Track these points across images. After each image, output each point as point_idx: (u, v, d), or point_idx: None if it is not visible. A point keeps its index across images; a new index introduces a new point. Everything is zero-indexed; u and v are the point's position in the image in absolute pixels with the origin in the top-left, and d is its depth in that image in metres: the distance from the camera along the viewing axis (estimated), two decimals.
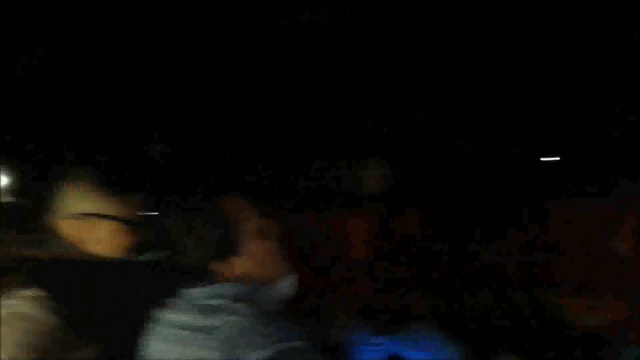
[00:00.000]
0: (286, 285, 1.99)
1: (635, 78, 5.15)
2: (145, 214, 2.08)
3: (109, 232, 2.02)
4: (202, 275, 1.83)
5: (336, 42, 5.13)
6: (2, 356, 1.80)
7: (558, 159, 7.94)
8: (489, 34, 4.67)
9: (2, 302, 1.88)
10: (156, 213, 2.00)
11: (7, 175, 8.66)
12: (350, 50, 5.16)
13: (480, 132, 6.97)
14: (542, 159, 7.87)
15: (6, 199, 3.06)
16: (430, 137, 6.82)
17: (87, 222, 2.01)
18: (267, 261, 1.89)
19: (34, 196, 2.14)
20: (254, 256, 1.87)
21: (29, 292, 1.86)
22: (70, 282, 1.93)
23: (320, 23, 4.94)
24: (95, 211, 2.01)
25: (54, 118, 6.89)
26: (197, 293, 1.82)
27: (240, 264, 1.85)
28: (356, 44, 5.08)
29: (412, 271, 4.60)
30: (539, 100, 5.97)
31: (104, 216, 2.01)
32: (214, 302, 1.77)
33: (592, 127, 6.49)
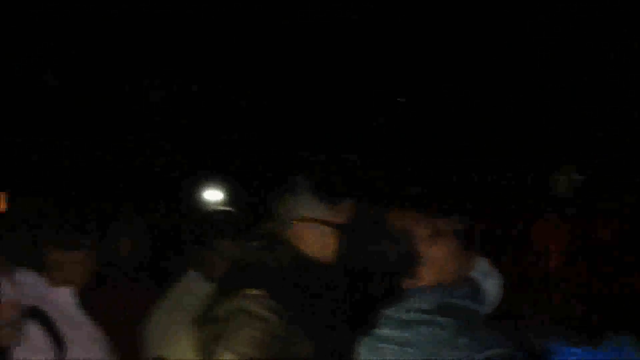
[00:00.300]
0: (494, 287, 1.99)
1: None
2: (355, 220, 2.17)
3: (323, 236, 2.14)
4: (395, 290, 1.89)
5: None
6: (227, 349, 1.97)
7: None
8: None
9: (229, 301, 2.07)
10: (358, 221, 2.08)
11: (235, 186, 9.30)
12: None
13: None
14: None
15: (232, 208, 3.31)
16: (626, 140, 6.50)
17: (304, 227, 2.15)
18: (449, 262, 1.91)
19: (260, 205, 2.30)
20: (435, 261, 1.89)
21: (253, 291, 2.03)
22: (289, 284, 2.08)
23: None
24: (311, 216, 2.14)
25: (276, 133, 7.31)
26: (394, 308, 1.86)
27: (426, 272, 1.88)
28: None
29: (611, 280, 4.39)
30: None
31: (319, 221, 2.13)
32: (412, 316, 1.81)
33: None
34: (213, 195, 10.09)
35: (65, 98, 7.98)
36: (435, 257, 1.90)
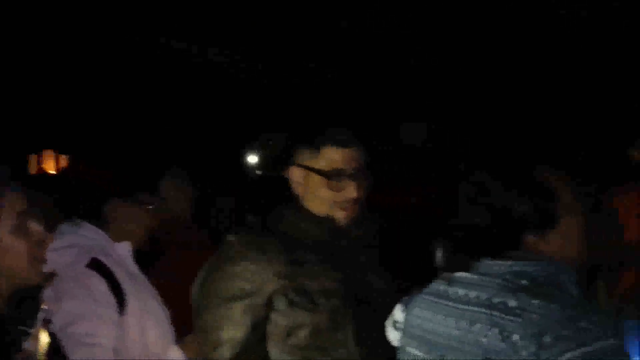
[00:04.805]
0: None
1: None
2: None
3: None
4: (510, 248, 1.68)
5: None
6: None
7: None
8: None
9: None
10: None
11: None
12: None
13: None
14: None
15: None
16: None
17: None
18: (578, 240, 1.71)
19: None
20: (567, 233, 1.69)
21: None
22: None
23: None
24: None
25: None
26: (501, 268, 1.66)
27: (554, 240, 1.68)
28: None
29: None
30: None
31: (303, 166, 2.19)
32: (522, 281, 1.60)
33: None
34: None
35: None
36: (568, 229, 1.70)
